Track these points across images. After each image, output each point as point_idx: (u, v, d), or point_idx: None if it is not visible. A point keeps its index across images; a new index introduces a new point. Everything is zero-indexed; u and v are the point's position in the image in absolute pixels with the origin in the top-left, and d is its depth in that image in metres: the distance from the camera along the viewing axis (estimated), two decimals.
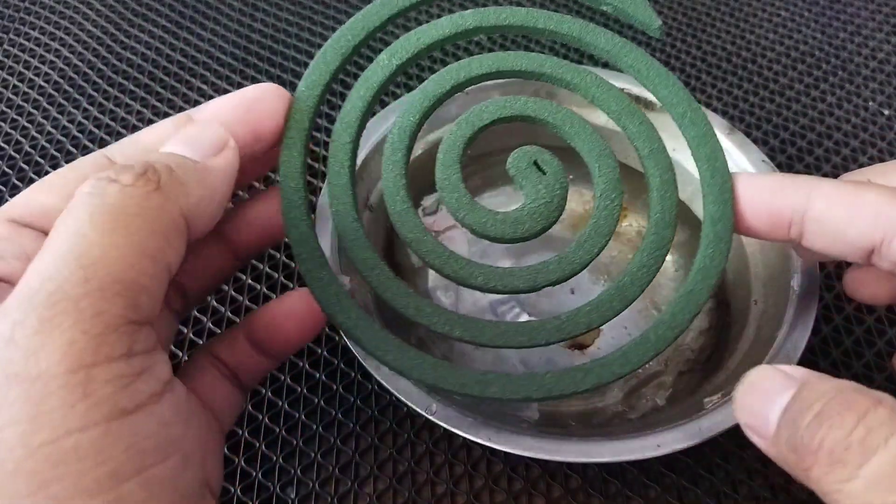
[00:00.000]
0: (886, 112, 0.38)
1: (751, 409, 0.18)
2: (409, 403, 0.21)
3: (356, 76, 0.24)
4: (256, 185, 0.33)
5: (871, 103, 0.38)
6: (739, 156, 0.28)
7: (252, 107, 0.21)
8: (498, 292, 0.21)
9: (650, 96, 0.24)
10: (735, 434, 0.26)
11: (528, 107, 0.22)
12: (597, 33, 0.24)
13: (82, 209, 0.15)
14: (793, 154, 0.36)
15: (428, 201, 0.30)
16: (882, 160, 0.36)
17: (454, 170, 0.21)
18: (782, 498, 0.25)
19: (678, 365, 0.28)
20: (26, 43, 0.40)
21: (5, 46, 0.40)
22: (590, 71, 0.23)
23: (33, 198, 0.18)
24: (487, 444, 0.21)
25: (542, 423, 0.24)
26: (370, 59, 0.23)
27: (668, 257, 0.25)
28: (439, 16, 0.24)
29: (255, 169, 0.22)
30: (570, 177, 0.26)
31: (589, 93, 0.23)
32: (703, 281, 0.21)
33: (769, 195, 0.20)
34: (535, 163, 0.21)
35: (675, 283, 0.28)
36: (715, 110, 0.38)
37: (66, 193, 0.17)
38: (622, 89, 0.24)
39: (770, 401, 0.17)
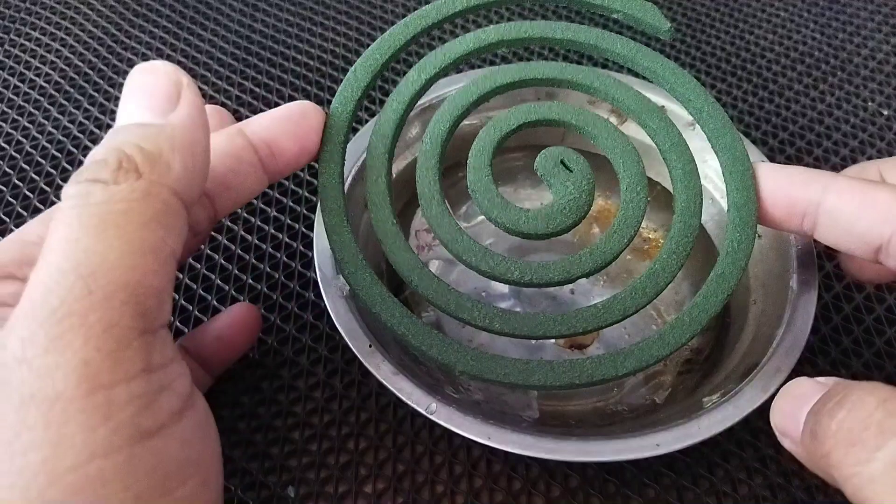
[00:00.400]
0: (886, 112, 0.38)
1: (782, 412, 0.19)
2: (410, 403, 0.21)
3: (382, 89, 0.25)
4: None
5: (870, 103, 0.38)
6: None
7: (300, 122, 0.21)
8: (534, 286, 0.22)
9: (650, 97, 0.25)
10: (735, 434, 0.26)
11: (552, 111, 0.24)
12: (613, 40, 0.25)
13: (70, 215, 0.15)
14: (792, 154, 0.36)
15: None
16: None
17: (485, 172, 0.22)
18: (782, 497, 0.25)
19: (677, 365, 0.28)
20: (27, 43, 0.40)
21: (6, 46, 0.40)
22: (609, 74, 0.25)
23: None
24: (487, 443, 0.21)
25: (541, 423, 0.24)
26: (396, 72, 0.24)
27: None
28: (459, 30, 0.25)
29: (277, 176, 0.22)
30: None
31: (609, 95, 0.25)
32: (732, 264, 0.22)
33: (787, 185, 0.21)
34: (562, 162, 0.22)
35: (675, 282, 0.28)
36: None
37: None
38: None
39: (801, 405, 0.18)
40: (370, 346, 0.23)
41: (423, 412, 0.21)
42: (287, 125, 0.21)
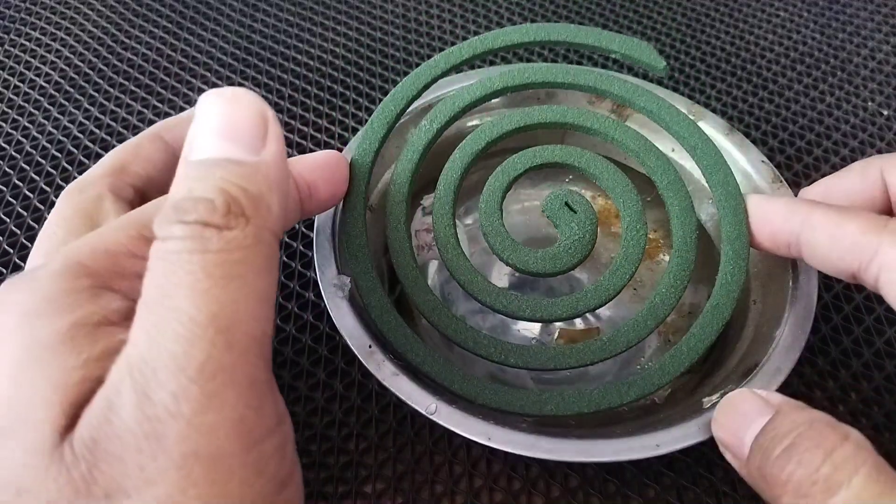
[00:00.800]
0: (885, 112, 0.38)
1: (727, 428, 0.19)
2: (410, 403, 0.21)
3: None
4: None
5: (870, 103, 0.38)
6: (739, 156, 0.28)
7: (334, 170, 0.22)
8: (544, 321, 0.24)
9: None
10: None
11: (555, 154, 0.25)
12: (611, 81, 0.27)
13: (192, 262, 0.14)
14: (792, 154, 0.36)
15: (427, 201, 0.30)
16: None
17: (496, 217, 0.24)
18: None
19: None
20: (27, 43, 0.40)
21: (6, 46, 0.40)
22: (608, 117, 0.26)
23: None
24: (487, 443, 0.21)
25: (541, 423, 0.24)
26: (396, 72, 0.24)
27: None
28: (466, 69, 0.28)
29: (308, 214, 0.23)
30: (570, 177, 0.26)
31: (609, 136, 0.26)
32: (726, 295, 0.23)
33: (771, 218, 0.22)
34: (567, 204, 0.24)
35: None
36: (714, 110, 0.38)
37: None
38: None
39: (746, 424, 0.19)
40: (370, 346, 0.23)
41: (423, 412, 0.21)
42: (325, 172, 0.22)
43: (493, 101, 0.29)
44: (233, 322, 0.14)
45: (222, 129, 0.16)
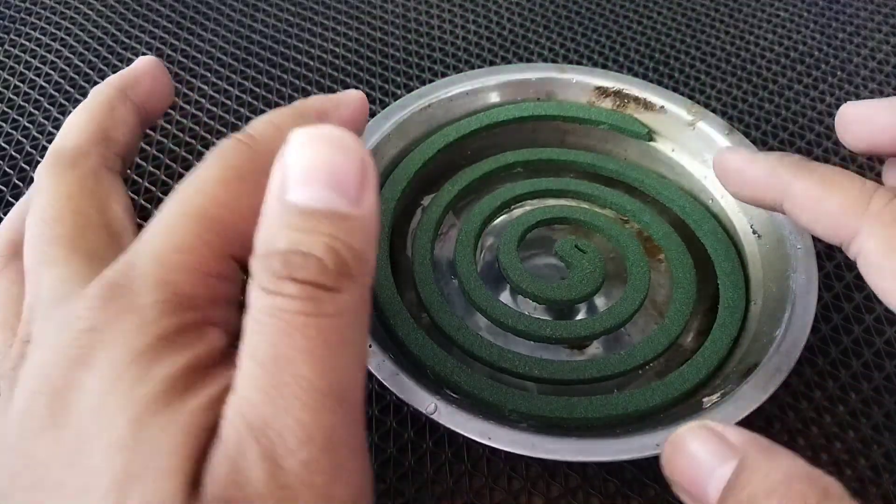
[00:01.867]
0: None
1: (684, 474, 0.17)
2: (410, 403, 0.21)
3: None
4: None
5: None
6: None
7: (354, 109, 0.20)
8: (563, 342, 0.27)
9: (650, 97, 0.30)
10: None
11: (564, 211, 0.29)
12: (607, 160, 0.31)
13: (310, 328, 0.14)
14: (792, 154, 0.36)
15: (427, 201, 0.31)
16: (881, 160, 0.36)
17: (514, 256, 0.27)
18: None
19: (677, 365, 0.28)
20: (27, 43, 0.40)
21: (6, 46, 0.40)
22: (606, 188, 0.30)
23: (238, 224, 0.16)
24: (488, 443, 0.21)
25: (541, 422, 0.24)
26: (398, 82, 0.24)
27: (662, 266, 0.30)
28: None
29: None
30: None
31: (608, 201, 0.30)
32: (713, 352, 0.25)
33: (752, 183, 0.21)
34: (577, 246, 0.27)
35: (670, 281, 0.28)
36: (714, 110, 0.38)
37: (254, 216, 0.15)
38: (599, 86, 0.30)
39: (708, 473, 0.16)
40: (370, 346, 0.23)
41: (424, 412, 0.21)
42: (354, 115, 0.20)
43: (490, 97, 0.31)
44: (347, 390, 0.14)
45: (328, 179, 0.14)
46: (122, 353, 0.14)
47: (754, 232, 0.27)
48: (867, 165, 0.36)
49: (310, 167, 0.14)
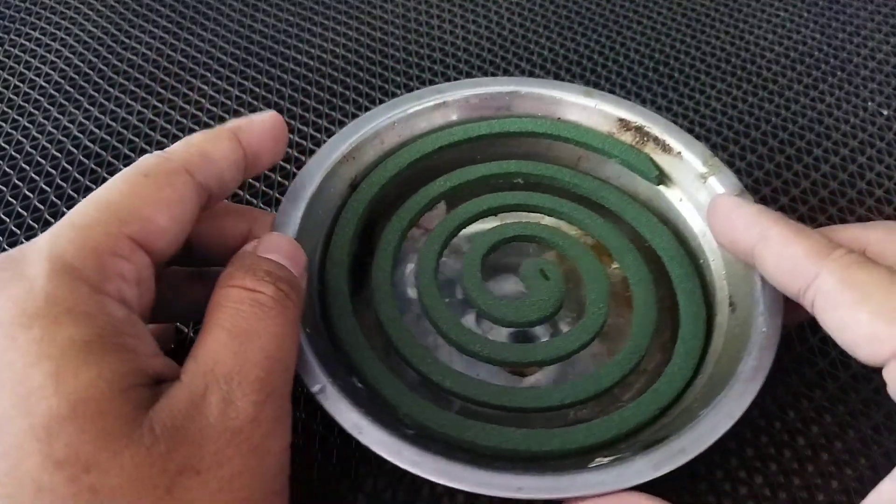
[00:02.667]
0: (885, 112, 0.38)
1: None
2: (302, 376, 0.22)
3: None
4: None
5: (870, 103, 0.38)
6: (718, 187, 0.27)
7: (278, 138, 0.24)
8: (522, 365, 0.26)
9: (669, 140, 0.29)
10: (734, 433, 0.26)
11: (527, 228, 0.28)
12: (608, 190, 0.30)
13: (280, 317, 0.19)
14: (792, 154, 0.36)
15: (422, 189, 0.30)
16: (881, 160, 0.36)
17: (476, 278, 0.27)
18: (783, 497, 0.25)
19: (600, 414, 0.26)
20: (27, 43, 0.40)
21: (6, 47, 0.40)
22: (594, 216, 0.29)
23: (150, 216, 0.19)
24: (356, 436, 0.21)
25: (431, 436, 0.23)
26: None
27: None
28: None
29: (248, 178, 0.25)
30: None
31: (597, 232, 0.29)
32: (668, 384, 0.24)
33: (735, 225, 0.23)
34: (542, 271, 0.27)
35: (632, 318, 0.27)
36: (714, 110, 0.38)
37: (172, 216, 0.20)
38: (621, 119, 0.30)
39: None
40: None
41: (310, 389, 0.21)
42: (269, 142, 0.23)
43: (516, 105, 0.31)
44: (290, 363, 0.19)
45: (289, 254, 0.22)
46: (13, 315, 0.16)
47: (731, 304, 0.26)
48: (876, 182, 0.36)
49: (283, 250, 0.22)
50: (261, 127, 0.23)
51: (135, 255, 0.18)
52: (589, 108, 0.30)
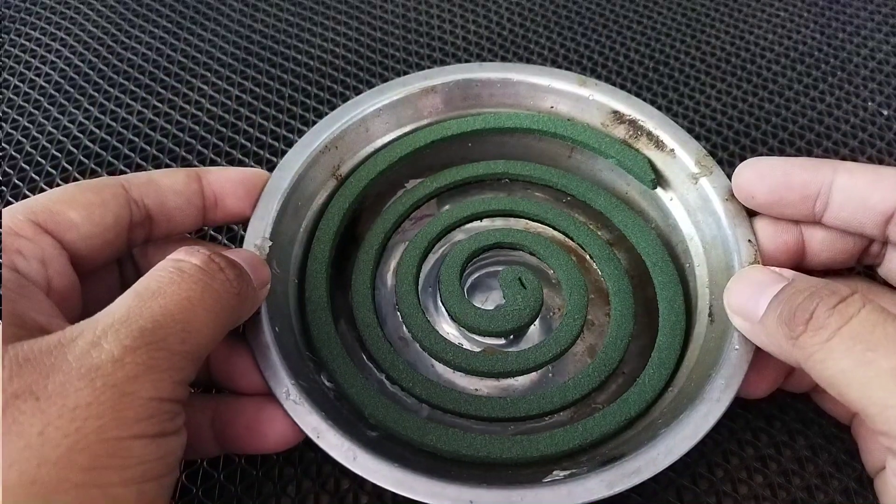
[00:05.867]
0: (885, 112, 0.38)
1: (742, 295, 0.22)
2: (267, 380, 0.22)
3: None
4: None
5: (870, 103, 0.38)
6: (728, 231, 0.26)
7: (249, 189, 0.25)
8: (503, 376, 0.26)
9: (663, 136, 0.28)
10: (735, 433, 0.26)
11: (508, 235, 0.28)
12: (598, 192, 0.29)
13: (199, 282, 0.19)
14: (792, 154, 0.36)
15: (411, 184, 0.31)
16: (881, 160, 0.36)
17: (456, 287, 0.27)
18: (782, 496, 0.25)
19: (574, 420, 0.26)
20: (27, 43, 0.40)
21: (6, 47, 0.40)
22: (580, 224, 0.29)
23: (60, 210, 0.21)
24: (315, 439, 0.21)
25: (395, 438, 0.24)
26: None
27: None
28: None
29: (211, 224, 0.26)
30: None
31: (584, 244, 0.29)
32: (637, 395, 0.24)
33: (800, 171, 0.23)
34: (520, 279, 0.27)
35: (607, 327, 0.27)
36: (714, 110, 0.38)
37: (88, 215, 0.21)
38: (615, 111, 0.29)
39: (761, 291, 0.21)
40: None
41: (276, 394, 0.22)
42: (238, 189, 0.25)
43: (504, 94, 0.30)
44: (197, 334, 0.19)
45: (252, 264, 0.22)
46: None
47: (710, 314, 0.25)
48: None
49: (238, 251, 0.23)
50: (232, 174, 0.25)
51: (38, 237, 0.20)
52: (583, 99, 0.29)
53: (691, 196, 0.27)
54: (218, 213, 0.25)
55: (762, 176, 0.24)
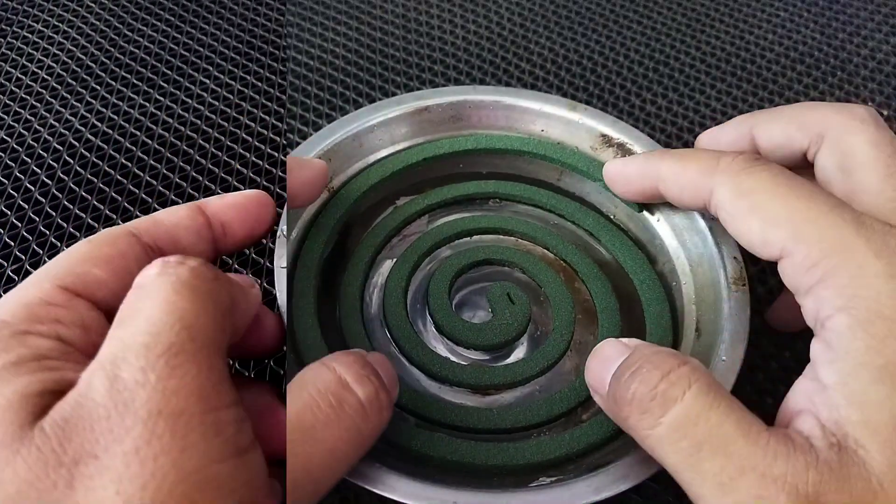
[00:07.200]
0: (885, 112, 0.38)
1: (592, 372, 0.21)
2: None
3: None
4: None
5: (870, 103, 0.39)
6: (714, 249, 0.27)
7: (252, 211, 0.24)
8: (492, 388, 0.26)
9: (623, 139, 0.29)
10: None
11: (497, 252, 0.29)
12: (585, 213, 0.30)
13: (163, 283, 0.18)
14: None
15: (402, 202, 0.30)
16: None
17: (444, 301, 0.27)
18: None
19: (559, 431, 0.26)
20: (29, 36, 0.40)
21: (8, 39, 0.40)
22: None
23: (84, 271, 0.20)
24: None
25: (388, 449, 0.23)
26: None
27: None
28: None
29: (224, 252, 0.25)
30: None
31: (567, 258, 0.29)
32: (580, 437, 0.24)
33: (631, 179, 0.26)
34: (508, 295, 0.27)
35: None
36: (714, 111, 0.38)
37: (112, 270, 0.20)
38: (604, 134, 0.29)
39: (607, 365, 0.21)
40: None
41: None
42: (242, 213, 0.24)
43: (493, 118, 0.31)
44: (196, 323, 0.17)
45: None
46: None
47: (697, 329, 0.25)
48: None
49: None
50: (231, 201, 0.24)
51: (72, 302, 0.19)
52: (573, 122, 0.30)
53: (677, 216, 0.28)
54: (228, 241, 0.24)
55: (613, 182, 0.27)
